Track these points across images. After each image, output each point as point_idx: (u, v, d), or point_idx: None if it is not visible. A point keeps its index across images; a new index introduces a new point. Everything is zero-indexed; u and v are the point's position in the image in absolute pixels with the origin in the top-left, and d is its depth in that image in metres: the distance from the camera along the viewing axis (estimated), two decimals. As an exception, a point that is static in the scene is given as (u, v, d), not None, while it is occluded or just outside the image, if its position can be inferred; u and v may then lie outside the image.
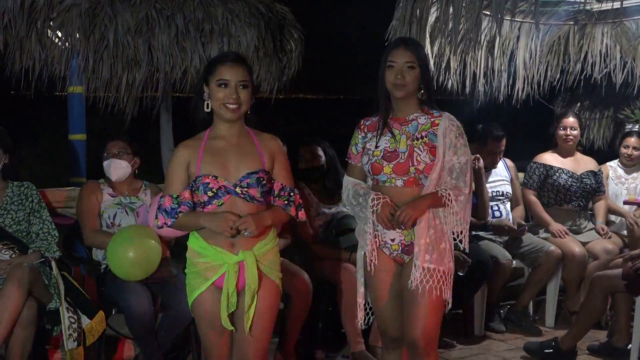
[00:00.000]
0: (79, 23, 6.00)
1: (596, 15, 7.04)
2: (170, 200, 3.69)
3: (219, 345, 3.77)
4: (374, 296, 4.05)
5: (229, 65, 3.69)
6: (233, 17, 6.38)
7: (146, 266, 4.76)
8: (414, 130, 3.92)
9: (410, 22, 6.97)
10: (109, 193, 5.19)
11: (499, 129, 6.41)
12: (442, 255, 3.87)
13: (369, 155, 3.96)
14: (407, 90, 3.90)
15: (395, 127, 3.96)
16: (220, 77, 3.67)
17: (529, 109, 7.81)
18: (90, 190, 5.19)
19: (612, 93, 8.48)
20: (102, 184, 5.23)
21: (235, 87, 3.66)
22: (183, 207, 3.68)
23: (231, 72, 3.68)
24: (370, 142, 3.98)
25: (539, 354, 5.60)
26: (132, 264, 4.70)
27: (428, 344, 3.90)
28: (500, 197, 6.46)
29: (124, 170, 5.20)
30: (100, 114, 6.50)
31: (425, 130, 3.91)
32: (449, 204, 3.84)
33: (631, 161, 6.96)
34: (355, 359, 5.33)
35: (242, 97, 3.68)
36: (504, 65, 7.37)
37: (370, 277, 4.01)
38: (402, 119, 3.97)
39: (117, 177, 5.20)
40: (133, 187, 5.27)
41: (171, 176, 3.72)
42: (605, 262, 6.25)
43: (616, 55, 6.99)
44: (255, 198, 3.68)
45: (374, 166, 3.94)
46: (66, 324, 4.55)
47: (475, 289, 5.98)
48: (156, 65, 6.21)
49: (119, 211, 5.13)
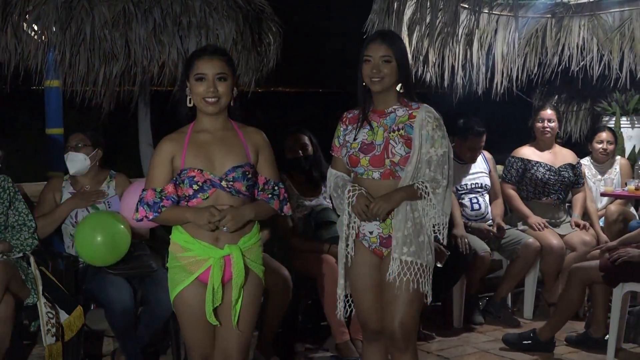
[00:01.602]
0: (55, 16, 5.94)
1: (573, 8, 7.08)
2: (153, 194, 3.67)
3: (201, 340, 3.75)
4: (354, 288, 4.05)
5: (205, 59, 3.68)
6: (211, 10, 6.35)
7: (115, 250, 4.74)
8: (391, 123, 3.93)
9: (388, 15, 6.99)
10: (69, 191, 5.16)
11: (480, 124, 6.41)
12: (420, 248, 3.87)
13: (347, 148, 3.97)
14: (384, 84, 3.91)
15: (374, 119, 3.97)
16: (198, 71, 3.67)
17: (507, 102, 7.84)
18: (50, 187, 5.21)
19: (589, 86, 8.52)
20: (65, 181, 5.20)
21: (213, 80, 3.65)
22: (166, 202, 3.67)
23: (207, 66, 3.66)
24: (349, 135, 3.99)
25: (518, 345, 5.64)
26: (100, 248, 4.69)
27: (406, 336, 3.92)
28: (479, 189, 6.47)
29: (81, 163, 5.15)
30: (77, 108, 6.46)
31: (402, 123, 3.91)
32: (426, 196, 3.84)
33: (606, 156, 7.01)
34: (340, 349, 5.34)
35: (221, 90, 3.66)
36: (482, 59, 7.40)
37: (350, 269, 4.02)
38: (381, 111, 3.98)
39: (75, 171, 5.15)
40: (97, 179, 5.22)
41: (154, 169, 3.70)
42: (582, 254, 6.29)
43: (593, 48, 7.03)
44: (240, 192, 3.67)
45: (351, 158, 3.95)
46: (44, 319, 4.53)
47: (454, 281, 5.99)
48: (133, 59, 6.17)
49: (79, 209, 5.10)
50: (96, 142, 5.22)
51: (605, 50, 6.98)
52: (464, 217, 6.33)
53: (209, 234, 3.65)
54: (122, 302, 4.67)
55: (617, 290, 5.41)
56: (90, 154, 5.17)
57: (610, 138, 7.02)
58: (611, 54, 6.95)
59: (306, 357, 5.53)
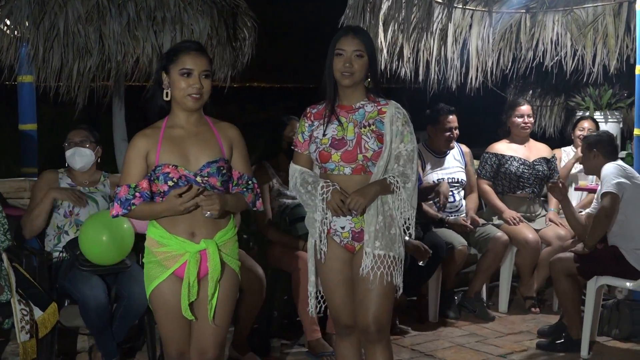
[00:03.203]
0: (28, 11, 5.91)
1: (547, 4, 7.10)
2: (127, 190, 3.66)
3: (177, 335, 3.74)
4: (325, 284, 4.06)
5: (193, 54, 3.68)
6: (185, 5, 6.33)
7: (121, 248, 4.73)
8: (361, 118, 3.94)
9: (363, 10, 7.00)
10: (68, 183, 5.13)
11: (447, 106, 6.44)
12: (392, 241, 3.90)
13: (316, 144, 3.96)
14: (355, 79, 3.91)
15: (342, 114, 3.96)
16: (184, 66, 3.66)
17: (481, 96, 7.87)
18: (47, 181, 5.12)
19: (563, 81, 8.58)
20: (62, 174, 5.17)
21: (199, 76, 3.66)
22: (137, 199, 3.65)
23: (195, 62, 3.66)
24: (317, 130, 3.98)
25: (551, 347, 5.60)
26: (107, 246, 4.67)
27: (380, 330, 3.93)
28: (455, 184, 6.49)
29: (88, 158, 5.15)
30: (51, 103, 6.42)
31: (373, 118, 3.92)
32: (397, 191, 3.88)
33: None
34: (312, 347, 5.34)
35: (205, 87, 3.68)
36: (457, 54, 7.41)
37: (321, 265, 4.02)
38: (348, 106, 3.98)
39: (81, 166, 5.14)
40: (93, 178, 5.22)
41: (129, 165, 3.69)
42: (558, 248, 6.33)
43: (567, 43, 7.06)
44: (215, 187, 3.67)
45: (321, 154, 3.94)
46: (18, 317, 4.49)
47: (429, 275, 6.01)
48: (107, 54, 6.14)
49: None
50: (97, 140, 5.22)
51: (579, 45, 7.02)
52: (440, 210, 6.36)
53: (185, 229, 3.65)
54: (96, 299, 4.65)
55: (591, 283, 5.45)
56: (94, 150, 5.17)
57: (592, 127, 7.11)
58: (585, 49, 6.99)
59: (282, 352, 5.53)
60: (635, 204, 5.32)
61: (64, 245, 4.94)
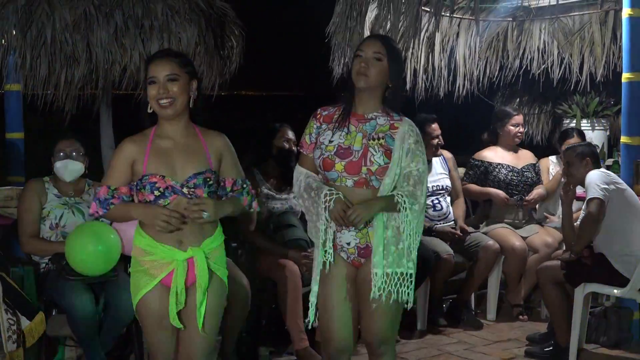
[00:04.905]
0: (15, 19, 5.89)
1: (534, 12, 7.15)
2: (106, 191, 3.66)
3: (165, 344, 3.73)
4: (323, 303, 3.88)
5: (155, 62, 3.69)
6: (173, 14, 6.33)
7: (108, 259, 4.71)
8: (371, 130, 3.82)
9: (350, 18, 7.00)
10: (55, 194, 5.11)
11: (429, 115, 6.43)
12: (400, 256, 3.77)
13: (321, 150, 3.84)
14: (370, 82, 3.79)
15: (352, 122, 3.84)
16: (149, 75, 3.68)
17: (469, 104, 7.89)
18: (34, 190, 5.09)
19: (550, 88, 8.60)
20: (47, 183, 5.15)
21: (164, 82, 3.64)
22: (115, 200, 3.66)
23: (157, 69, 3.66)
24: (324, 135, 3.86)
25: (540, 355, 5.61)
26: (94, 257, 4.65)
27: (386, 343, 3.89)
28: (441, 191, 6.49)
29: (78, 172, 5.14)
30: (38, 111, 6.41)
31: (383, 132, 3.81)
32: (404, 211, 3.73)
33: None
34: (300, 356, 5.32)
35: (173, 91, 3.65)
36: (444, 62, 7.44)
37: (325, 277, 3.86)
38: (360, 115, 3.86)
39: (71, 179, 5.13)
40: (78, 187, 5.20)
41: (113, 168, 3.69)
42: (545, 256, 6.34)
43: (554, 51, 7.10)
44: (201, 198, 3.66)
45: (325, 162, 3.81)
46: (5, 326, 4.47)
47: (418, 284, 6.00)
48: (95, 62, 6.13)
49: (66, 211, 5.05)
50: (86, 150, 5.20)
51: (566, 54, 7.06)
52: (427, 218, 6.35)
53: (172, 237, 3.63)
54: (83, 308, 4.63)
55: (579, 291, 5.46)
56: (84, 163, 5.16)
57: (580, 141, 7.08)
58: (571, 57, 7.03)
59: (270, 360, 5.52)
60: (621, 209, 5.33)
61: (50, 257, 4.93)
